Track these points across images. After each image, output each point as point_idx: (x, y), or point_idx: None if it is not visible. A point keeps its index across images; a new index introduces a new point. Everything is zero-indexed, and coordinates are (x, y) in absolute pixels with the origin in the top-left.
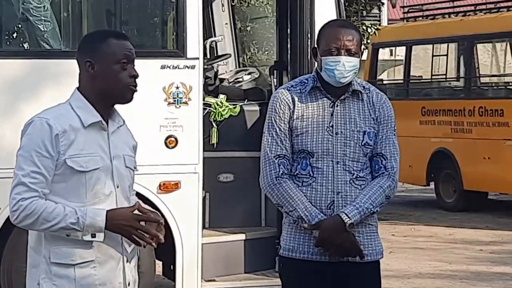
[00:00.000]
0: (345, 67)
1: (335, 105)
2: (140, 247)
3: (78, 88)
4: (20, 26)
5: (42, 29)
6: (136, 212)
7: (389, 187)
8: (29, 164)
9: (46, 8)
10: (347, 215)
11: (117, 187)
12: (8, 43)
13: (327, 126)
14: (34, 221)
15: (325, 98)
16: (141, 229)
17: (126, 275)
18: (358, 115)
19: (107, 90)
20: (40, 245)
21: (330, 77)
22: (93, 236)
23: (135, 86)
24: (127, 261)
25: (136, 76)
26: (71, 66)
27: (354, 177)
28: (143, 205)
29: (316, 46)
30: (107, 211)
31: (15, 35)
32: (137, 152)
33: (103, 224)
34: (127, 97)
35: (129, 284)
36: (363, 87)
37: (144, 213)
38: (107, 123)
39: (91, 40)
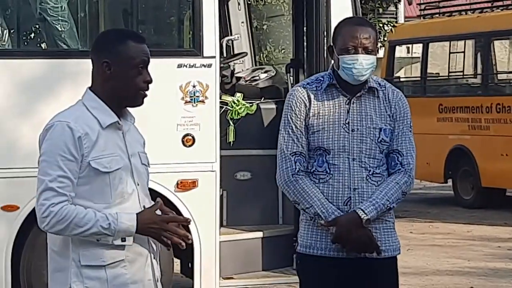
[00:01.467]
0: (363, 65)
1: (351, 102)
2: (166, 247)
3: (90, 88)
4: (37, 26)
5: (60, 29)
6: (159, 212)
7: (406, 183)
8: (54, 169)
9: (63, 8)
10: (363, 211)
11: (138, 185)
12: (26, 43)
13: (343, 123)
14: (65, 227)
15: (341, 95)
16: (170, 230)
17: (155, 272)
18: (374, 112)
19: (120, 93)
20: (67, 249)
21: (348, 76)
22: (123, 240)
23: (147, 90)
24: (153, 257)
25: (150, 81)
26: (89, 66)
27: (370, 173)
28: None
29: (332, 44)
30: (137, 214)
31: (33, 35)
32: (155, 150)
33: (134, 229)
34: (138, 102)
35: (158, 280)
36: (379, 84)
37: (166, 212)
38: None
39: (109, 40)
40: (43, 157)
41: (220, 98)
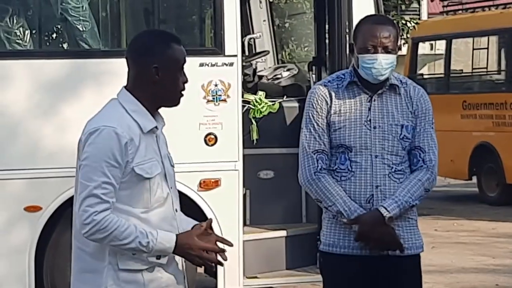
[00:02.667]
0: (382, 65)
1: (373, 99)
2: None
3: (126, 88)
4: (59, 26)
5: (81, 29)
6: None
7: (428, 180)
8: (99, 175)
9: (84, 8)
10: (386, 209)
11: (170, 188)
12: (47, 43)
13: (365, 120)
14: (105, 237)
15: (362, 93)
16: (207, 259)
17: (185, 273)
18: (396, 109)
19: (164, 95)
20: (103, 252)
21: (368, 75)
22: (158, 258)
23: (184, 90)
24: (184, 261)
25: (187, 81)
26: (110, 66)
27: (392, 170)
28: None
29: (353, 42)
30: (177, 236)
31: (54, 35)
32: (177, 150)
33: (171, 251)
34: (177, 103)
35: (186, 281)
36: (400, 81)
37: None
38: None
39: (156, 44)
40: (87, 162)
41: (242, 97)
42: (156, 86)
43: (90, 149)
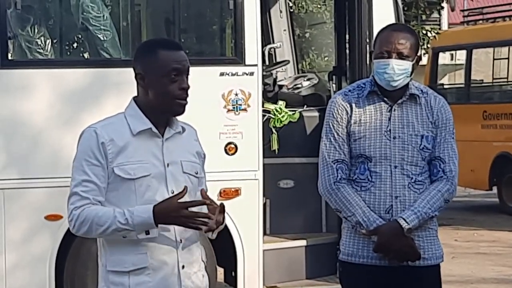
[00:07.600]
0: (394, 70)
1: (393, 109)
2: (202, 233)
3: (134, 97)
4: (80, 35)
5: (102, 39)
6: (183, 199)
7: (448, 191)
8: (80, 174)
9: (105, 17)
10: (405, 220)
11: (172, 192)
12: (68, 52)
13: (385, 131)
14: (89, 228)
15: (382, 102)
16: (188, 216)
17: (182, 282)
18: (416, 119)
19: (157, 102)
20: (101, 254)
21: (381, 80)
22: (147, 233)
23: (185, 98)
24: (183, 267)
25: (186, 88)
26: (131, 75)
27: (412, 181)
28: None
29: (372, 50)
30: (154, 205)
31: (75, 44)
32: None
33: (152, 221)
34: (176, 111)
35: None
36: (421, 90)
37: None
38: (164, 130)
39: (142, 51)
40: (73, 163)
41: (263, 106)
42: (148, 93)
43: (76, 150)
